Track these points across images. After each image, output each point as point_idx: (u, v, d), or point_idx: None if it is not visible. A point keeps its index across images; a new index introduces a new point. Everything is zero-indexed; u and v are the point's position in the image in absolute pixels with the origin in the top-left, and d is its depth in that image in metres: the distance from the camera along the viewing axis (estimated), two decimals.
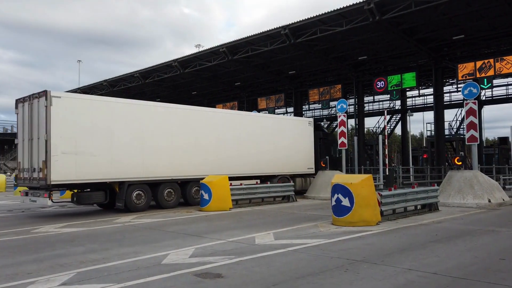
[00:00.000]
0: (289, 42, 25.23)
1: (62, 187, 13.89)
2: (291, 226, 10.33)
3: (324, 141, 22.49)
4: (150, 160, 14.62)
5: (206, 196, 14.07)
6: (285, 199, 17.37)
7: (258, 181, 18.05)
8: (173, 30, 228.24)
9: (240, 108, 40.29)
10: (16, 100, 14.17)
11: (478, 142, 17.00)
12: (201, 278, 5.68)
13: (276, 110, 40.23)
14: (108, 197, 14.00)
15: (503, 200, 15.33)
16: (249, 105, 39.76)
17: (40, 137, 12.71)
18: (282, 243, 8.04)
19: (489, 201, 14.62)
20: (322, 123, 27.94)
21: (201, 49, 37.68)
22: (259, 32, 26.28)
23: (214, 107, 43.07)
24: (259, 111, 37.32)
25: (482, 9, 21.21)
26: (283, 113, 46.71)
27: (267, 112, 39.13)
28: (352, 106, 32.92)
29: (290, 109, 41.88)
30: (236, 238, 8.74)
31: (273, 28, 25.41)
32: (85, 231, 10.19)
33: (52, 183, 12.35)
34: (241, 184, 16.06)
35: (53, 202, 13.03)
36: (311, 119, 22.51)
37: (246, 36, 27.29)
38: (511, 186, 17.47)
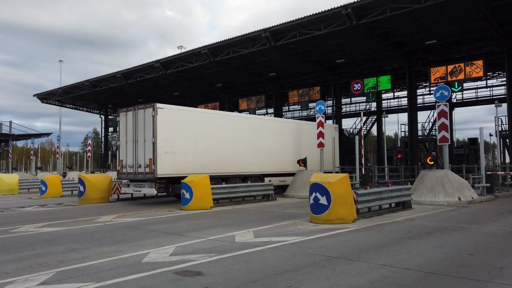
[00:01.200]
0: (269, 45, 25.27)
1: (163, 179, 15.76)
2: (270, 224, 10.34)
3: (346, 144, 24.83)
4: (222, 160, 17.54)
5: (187, 195, 13.96)
6: (265, 197, 17.39)
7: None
8: (156, 32, 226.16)
9: (221, 109, 40.18)
10: (118, 110, 17.12)
11: (449, 143, 17.37)
12: (181, 276, 5.62)
13: (256, 111, 40.26)
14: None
15: (472, 198, 15.70)
16: (230, 106, 39.69)
17: (146, 140, 15.49)
18: (262, 241, 8.04)
19: (459, 199, 14.95)
20: (344, 129, 29.71)
21: (183, 50, 37.37)
22: (240, 35, 26.25)
23: (196, 107, 42.84)
24: (240, 111, 37.28)
25: (453, 15, 21.69)
26: (264, 114, 46.82)
27: (247, 112, 39.16)
28: (330, 108, 33.21)
29: (270, 110, 41.99)
30: (217, 236, 8.70)
31: (254, 31, 25.41)
32: (65, 230, 9.97)
33: (158, 176, 15.16)
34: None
35: (157, 192, 15.44)
36: (337, 126, 25.69)
37: (227, 38, 27.20)
38: (480, 185, 17.88)
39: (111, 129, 52.72)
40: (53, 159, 60.26)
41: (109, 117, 53.39)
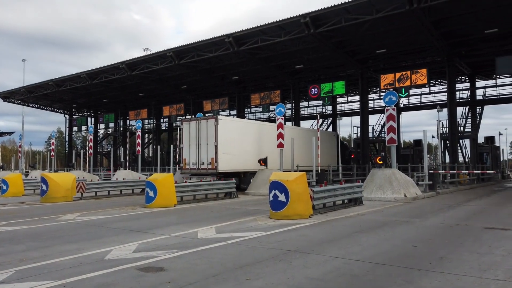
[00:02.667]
0: (233, 50, 25.25)
1: (221, 174, 19.14)
2: (232, 221, 10.30)
3: (341, 148, 27.51)
4: (254, 158, 20.78)
5: (151, 194, 13.67)
6: (228, 195, 17.32)
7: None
8: (123, 35, 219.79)
9: (186, 110, 39.68)
10: (181, 120, 21.64)
11: (397, 144, 18.04)
12: (143, 272, 5.48)
13: (220, 113, 40.10)
14: (239, 181, 18.91)
15: (416, 194, 16.37)
16: (195, 107, 39.30)
17: (209, 143, 19.26)
18: (223, 237, 7.99)
19: (405, 195, 15.54)
20: (340, 134, 32.90)
21: (149, 52, 36.59)
22: (205, 39, 26.07)
23: (161, 108, 42.09)
24: (204, 113, 36.96)
25: (401, 27, 22.56)
26: (227, 116, 46.68)
27: (212, 114, 38.90)
28: (290, 110, 33.61)
29: (233, 112, 41.94)
30: (180, 233, 8.56)
31: (218, 35, 25.33)
32: (27, 229, 9.47)
33: (219, 171, 18.83)
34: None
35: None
36: (336, 133, 29.73)
37: (193, 42, 26.93)
38: (423, 182, 18.67)
39: (75, 128, 50.77)
40: (15, 158, 57.23)
41: (74, 116, 51.42)
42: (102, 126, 50.09)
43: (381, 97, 31.78)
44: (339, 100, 40.12)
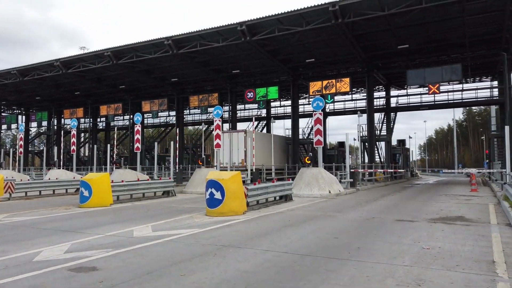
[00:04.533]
0: (172, 52, 24.68)
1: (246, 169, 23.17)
2: (168, 219, 10.06)
3: (291, 149, 30.57)
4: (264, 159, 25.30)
5: (86, 193, 12.89)
6: (165, 194, 16.89)
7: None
8: (59, 32, 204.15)
9: (124, 110, 38.01)
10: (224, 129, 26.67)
11: (323, 145, 18.85)
12: (75, 272, 5.15)
13: (159, 113, 38.98)
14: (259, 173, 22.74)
15: (340, 191, 17.23)
16: (133, 108, 37.77)
17: (239, 149, 24.92)
18: (159, 235, 7.77)
19: (330, 192, 16.28)
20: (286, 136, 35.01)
21: (85, 51, 34.46)
22: (144, 40, 25.19)
23: (98, 108, 39.88)
24: (143, 114, 35.64)
25: (328, 39, 23.61)
26: (166, 117, 45.48)
27: (151, 114, 37.69)
28: (227, 113, 33.62)
29: (173, 113, 40.98)
30: (115, 232, 8.17)
31: (157, 37, 24.60)
32: None
33: (247, 168, 22.59)
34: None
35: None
36: (287, 136, 32.71)
37: (131, 42, 25.87)
38: (345, 180, 19.68)
39: (4, 126, 46.35)
40: None
41: (3, 114, 46.87)
42: (34, 124, 46.23)
43: (310, 102, 32.99)
44: (273, 104, 40.95)
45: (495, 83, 32.49)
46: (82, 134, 50.65)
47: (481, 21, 21.37)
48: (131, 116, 35.57)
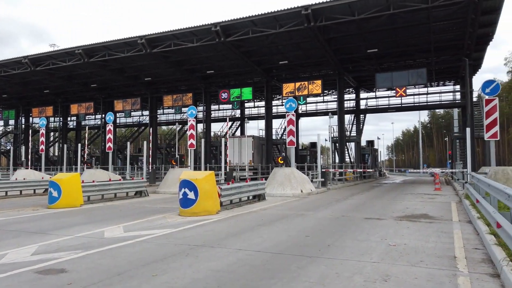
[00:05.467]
0: (145, 51, 24.24)
1: (254, 169, 26.99)
2: (141, 219, 9.86)
3: (264, 149, 31.16)
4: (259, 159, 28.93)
5: (55, 194, 12.45)
6: (138, 194, 16.56)
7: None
8: (29, 29, 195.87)
9: (95, 109, 36.97)
10: (233, 134, 32.41)
11: (295, 146, 19.04)
12: (42, 275, 4.96)
13: (132, 113, 38.16)
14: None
15: (311, 190, 17.45)
16: (105, 107, 36.78)
17: (248, 151, 26.91)
18: (131, 235, 7.61)
19: (302, 191, 16.46)
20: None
21: (55, 48, 33.28)
22: (116, 39, 24.60)
23: (69, 106, 38.63)
24: (115, 113, 34.86)
25: (300, 42, 23.86)
26: (139, 116, 44.57)
27: (123, 114, 36.86)
28: (202, 113, 33.34)
29: (146, 112, 40.22)
30: (85, 233, 7.92)
31: (130, 36, 24.09)
32: None
33: (254, 166, 26.43)
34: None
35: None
36: (261, 138, 33.34)
37: (103, 40, 25.20)
38: (317, 179, 19.96)
39: None
40: None
41: None
42: (1, 123, 44.18)
43: (283, 103, 33.24)
44: (247, 105, 40.94)
45: (458, 87, 33.89)
46: (52, 133, 48.85)
47: (445, 28, 22.23)
48: (103, 115, 34.64)
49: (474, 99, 28.85)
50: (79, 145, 28.43)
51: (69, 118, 43.90)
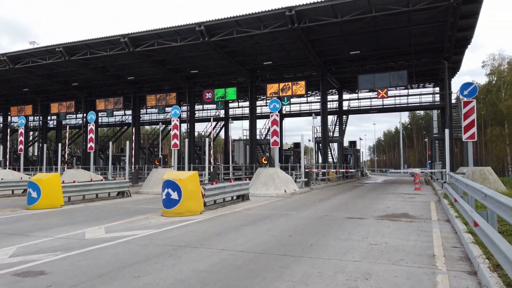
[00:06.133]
0: (128, 50, 23.91)
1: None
2: (123, 220, 9.72)
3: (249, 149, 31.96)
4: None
5: (34, 194, 12.15)
6: (120, 194, 16.31)
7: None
8: (8, 27, 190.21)
9: (77, 108, 36.23)
10: (233, 139, 32.07)
11: (279, 146, 19.11)
12: (21, 277, 4.83)
13: (114, 112, 37.54)
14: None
15: (295, 190, 17.55)
16: (87, 106, 36.10)
17: (240, 152, 32.15)
18: (113, 236, 7.49)
19: (285, 191, 16.53)
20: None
21: (36, 46, 32.44)
22: (99, 37, 24.17)
23: (49, 105, 37.79)
24: (97, 112, 34.21)
25: (284, 43, 23.97)
26: (122, 116, 43.93)
27: (105, 113, 36.24)
28: (185, 113, 33.09)
29: (129, 112, 39.66)
30: (65, 234, 7.76)
31: (113, 35, 23.71)
32: None
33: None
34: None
35: None
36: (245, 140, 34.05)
37: (85, 39, 24.73)
38: (300, 179, 20.08)
39: None
40: None
41: None
42: None
43: (267, 104, 33.29)
44: (231, 105, 40.82)
45: (437, 89, 34.66)
46: (31, 133, 47.65)
47: (426, 31, 22.71)
48: (85, 114, 33.97)
49: (453, 101, 29.55)
50: (60, 144, 27.82)
51: (49, 117, 42.92)
